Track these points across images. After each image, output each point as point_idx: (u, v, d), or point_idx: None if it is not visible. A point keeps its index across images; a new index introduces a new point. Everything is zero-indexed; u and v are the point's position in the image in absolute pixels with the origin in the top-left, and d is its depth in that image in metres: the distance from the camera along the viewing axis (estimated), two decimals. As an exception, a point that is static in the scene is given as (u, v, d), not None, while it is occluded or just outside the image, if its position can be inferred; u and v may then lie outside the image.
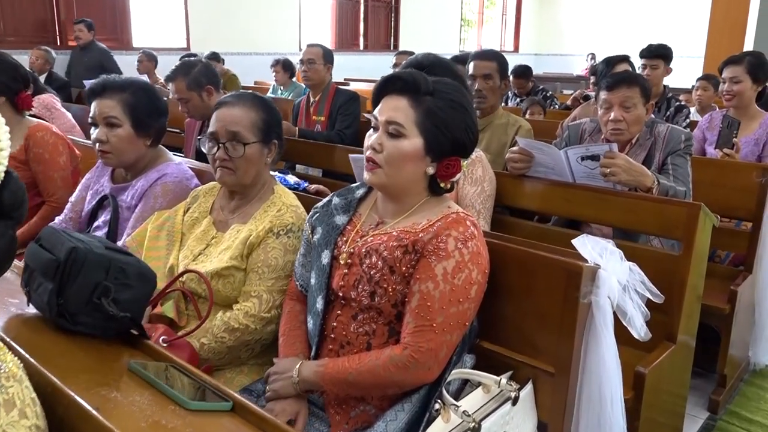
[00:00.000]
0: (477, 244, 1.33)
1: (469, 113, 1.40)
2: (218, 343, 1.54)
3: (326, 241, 1.46)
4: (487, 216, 2.16)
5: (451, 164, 1.38)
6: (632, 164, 2.06)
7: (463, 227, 1.33)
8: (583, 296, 1.33)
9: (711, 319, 2.49)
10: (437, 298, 1.28)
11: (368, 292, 1.35)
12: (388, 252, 1.35)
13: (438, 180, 1.39)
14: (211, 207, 1.79)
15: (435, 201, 1.42)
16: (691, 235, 1.91)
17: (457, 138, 1.36)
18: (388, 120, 1.35)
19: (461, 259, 1.30)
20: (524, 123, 2.84)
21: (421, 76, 1.37)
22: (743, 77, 3.10)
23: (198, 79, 2.88)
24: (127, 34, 7.74)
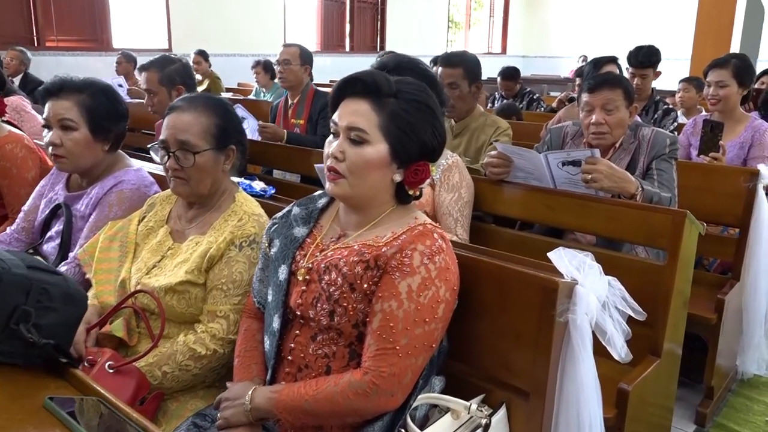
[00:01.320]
0: (445, 259, 1.23)
1: (436, 114, 1.31)
2: (182, 371, 1.43)
3: (284, 255, 1.35)
4: (465, 224, 2.06)
5: (419, 170, 1.29)
6: (615, 170, 1.97)
7: (430, 240, 1.23)
8: (560, 314, 1.23)
9: (697, 329, 2.41)
10: (401, 318, 1.18)
11: (327, 311, 1.25)
12: (348, 268, 1.25)
13: (406, 187, 1.30)
14: (168, 216, 1.68)
15: (401, 211, 1.33)
16: (676, 243, 1.82)
17: (425, 142, 1.27)
18: (349, 125, 1.25)
19: (427, 276, 1.20)
20: (502, 123, 2.75)
21: (383, 76, 1.27)
22: (729, 81, 3.01)
23: (172, 76, 2.79)
24: (107, 35, 7.60)
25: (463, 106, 2.70)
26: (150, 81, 2.77)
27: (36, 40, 7.04)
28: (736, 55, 3.17)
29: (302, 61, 3.56)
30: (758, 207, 2.48)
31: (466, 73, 2.66)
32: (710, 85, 3.06)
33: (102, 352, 1.39)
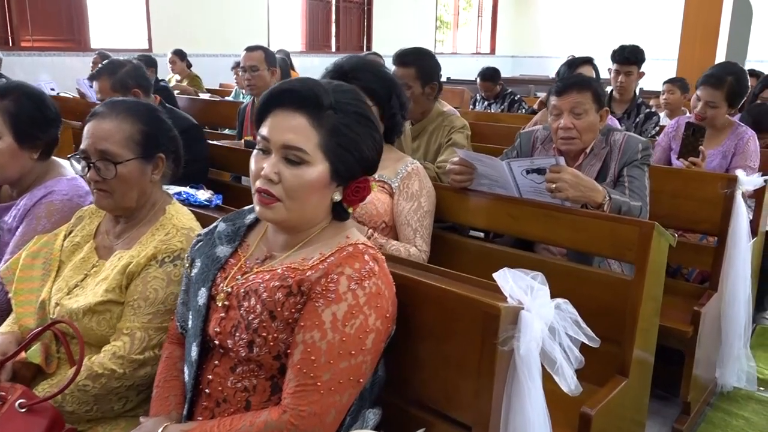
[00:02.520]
0: (377, 283, 1.12)
1: (375, 125, 1.21)
2: (81, 392, 1.31)
3: (204, 277, 1.24)
4: (425, 234, 1.95)
5: (360, 187, 1.20)
6: (580, 179, 1.86)
7: (360, 263, 1.12)
8: (503, 342, 1.12)
9: (673, 342, 2.31)
10: (324, 350, 1.07)
11: (246, 341, 1.13)
12: (268, 294, 1.13)
13: (345, 205, 1.21)
14: (95, 230, 1.55)
15: (333, 230, 1.22)
16: (643, 256, 1.72)
17: (366, 157, 1.18)
18: (285, 144, 1.13)
19: (355, 303, 1.09)
20: (458, 121, 2.62)
21: (321, 87, 1.15)
22: (720, 103, 2.88)
23: (124, 80, 2.65)
24: (85, 35, 7.44)
25: (415, 108, 2.57)
26: (102, 89, 2.64)
27: (11, 40, 6.88)
28: (734, 71, 2.98)
29: (269, 65, 3.43)
30: (736, 214, 2.38)
31: (419, 74, 2.54)
32: (699, 99, 2.94)
33: (14, 388, 1.26)
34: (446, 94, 7.80)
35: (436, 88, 2.62)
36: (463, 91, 7.26)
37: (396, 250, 1.89)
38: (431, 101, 2.64)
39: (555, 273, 1.89)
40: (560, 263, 1.92)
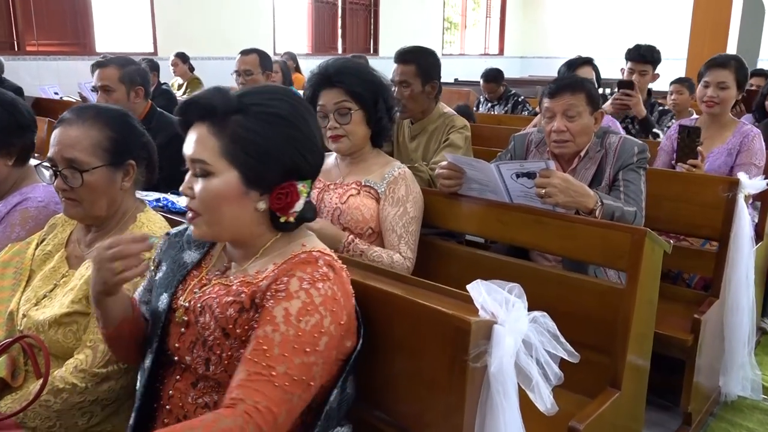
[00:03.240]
0: (332, 288, 1.06)
1: (296, 124, 1.12)
2: (43, 407, 1.27)
3: (167, 282, 1.20)
4: (410, 240, 1.90)
5: (283, 193, 1.12)
6: (571, 184, 1.79)
7: (313, 267, 1.07)
8: (474, 358, 1.06)
9: (672, 351, 2.24)
10: (277, 342, 1.00)
11: (203, 358, 1.09)
12: (221, 310, 1.09)
13: (277, 215, 1.14)
14: (67, 239, 1.52)
15: (287, 239, 1.17)
16: (635, 264, 1.65)
17: (283, 160, 1.10)
18: (191, 158, 1.10)
19: (309, 300, 1.03)
20: (458, 121, 2.57)
21: (219, 93, 1.10)
22: (731, 83, 2.80)
23: (132, 75, 2.68)
24: (90, 39, 7.44)
25: (415, 106, 2.53)
26: (109, 77, 2.64)
27: (16, 45, 6.90)
28: (733, 56, 2.97)
29: (263, 69, 3.39)
30: (738, 218, 2.31)
31: (420, 71, 2.50)
32: (708, 86, 2.85)
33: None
34: (452, 96, 7.79)
35: (437, 87, 2.58)
36: (468, 92, 7.19)
37: (378, 256, 1.84)
38: (432, 100, 2.59)
39: (547, 281, 1.86)
40: (552, 271, 1.86)
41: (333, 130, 1.88)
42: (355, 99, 1.87)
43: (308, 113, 1.16)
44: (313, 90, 1.91)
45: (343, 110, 1.86)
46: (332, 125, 1.87)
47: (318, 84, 1.89)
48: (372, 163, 1.97)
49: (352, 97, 1.87)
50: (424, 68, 2.52)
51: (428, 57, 2.58)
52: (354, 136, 1.89)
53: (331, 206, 1.93)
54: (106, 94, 2.65)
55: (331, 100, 1.87)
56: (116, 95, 2.65)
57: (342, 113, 1.87)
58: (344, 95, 1.86)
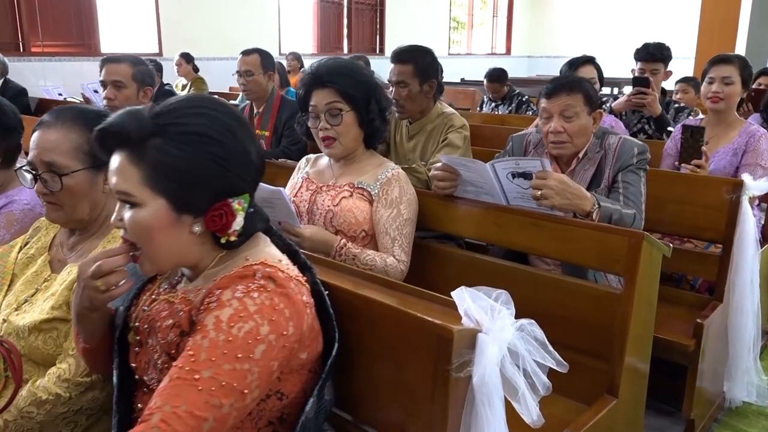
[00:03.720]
0: (272, 299, 0.99)
1: (218, 140, 1.03)
2: (25, 418, 1.24)
3: (123, 296, 1.14)
4: (404, 243, 1.86)
5: (217, 215, 1.04)
6: (567, 185, 1.75)
7: (248, 280, 1.00)
8: (457, 368, 1.03)
9: (674, 356, 2.19)
10: (205, 347, 0.94)
11: (156, 379, 1.05)
12: (162, 335, 1.05)
13: (218, 235, 1.06)
14: (51, 242, 1.49)
15: (232, 254, 1.10)
16: (632, 268, 1.61)
17: (209, 181, 1.02)
18: (115, 189, 1.03)
19: (242, 308, 0.97)
20: (457, 120, 2.54)
21: (132, 117, 1.02)
22: (736, 78, 2.76)
23: (144, 75, 2.67)
24: (95, 39, 7.46)
25: (413, 106, 2.50)
26: (122, 73, 2.61)
27: (21, 46, 6.92)
28: (736, 54, 2.93)
29: (265, 69, 3.34)
30: (742, 221, 2.26)
31: (417, 71, 2.47)
32: (713, 82, 2.80)
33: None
34: (457, 96, 7.75)
35: (434, 86, 2.55)
36: (474, 92, 7.14)
37: (371, 260, 1.80)
38: (430, 99, 2.56)
39: (544, 285, 1.81)
40: (548, 275, 1.82)
41: (324, 131, 1.85)
42: (347, 100, 1.83)
43: (236, 123, 1.06)
44: (305, 90, 1.88)
45: (335, 111, 1.83)
46: (323, 126, 1.84)
47: (310, 84, 1.86)
48: (365, 164, 1.94)
49: (344, 98, 1.83)
50: (421, 67, 2.49)
51: (425, 56, 2.55)
52: (345, 138, 1.86)
53: (324, 209, 1.89)
54: (117, 89, 2.63)
55: (323, 101, 1.83)
56: (127, 92, 2.63)
57: (333, 114, 1.83)
58: (336, 96, 1.83)
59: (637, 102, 3.27)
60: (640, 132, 3.53)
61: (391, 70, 2.52)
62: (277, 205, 1.78)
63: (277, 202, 1.77)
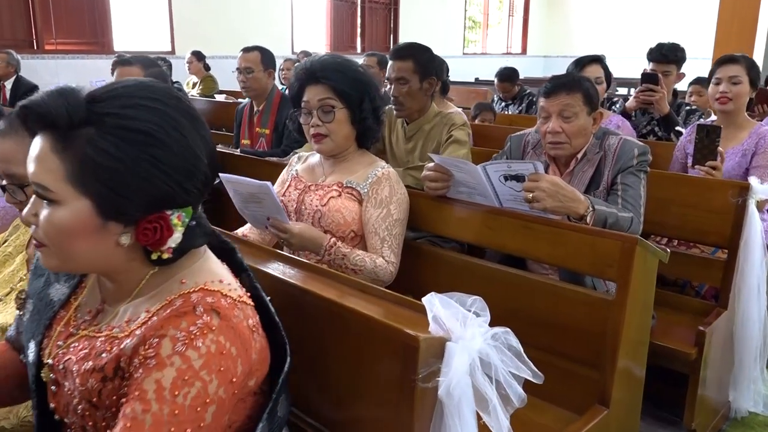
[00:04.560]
0: (217, 340, 0.84)
1: (163, 141, 0.87)
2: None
3: (33, 327, 1.01)
4: (394, 244, 1.82)
5: (151, 228, 0.88)
6: (560, 188, 1.69)
7: (189, 319, 0.85)
8: (425, 379, 0.98)
9: (676, 365, 2.13)
10: (149, 424, 0.80)
11: (78, 424, 0.93)
12: (81, 381, 0.90)
13: (150, 249, 0.91)
14: (29, 241, 1.47)
15: (166, 273, 0.94)
16: (625, 274, 1.55)
17: (146, 188, 0.86)
18: (31, 179, 0.88)
19: (186, 367, 0.82)
20: (457, 118, 2.48)
21: (62, 98, 0.85)
22: (743, 77, 2.68)
23: (156, 77, 2.61)
24: (108, 38, 7.50)
25: (413, 104, 2.45)
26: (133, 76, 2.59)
27: (35, 43, 6.98)
28: (742, 54, 2.85)
29: (265, 66, 3.31)
30: (749, 225, 2.18)
31: (417, 67, 2.42)
32: (720, 82, 2.72)
33: None
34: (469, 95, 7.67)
35: (434, 84, 2.51)
36: (486, 92, 7.07)
37: (361, 260, 1.76)
38: (428, 98, 2.52)
39: (538, 291, 1.75)
40: (542, 280, 1.76)
41: (315, 128, 1.81)
42: (340, 97, 1.80)
43: (190, 123, 0.90)
44: (299, 85, 1.85)
45: (327, 107, 1.80)
46: (315, 123, 1.81)
47: (303, 79, 1.83)
48: (355, 163, 1.90)
49: (337, 95, 1.80)
50: (421, 64, 2.45)
51: (425, 53, 2.50)
52: (336, 136, 1.82)
53: (312, 208, 1.86)
54: None
55: (315, 97, 1.80)
56: None
57: (325, 111, 1.80)
58: (329, 92, 1.79)
59: (645, 99, 3.19)
60: (649, 134, 3.45)
61: (389, 67, 2.48)
62: (264, 200, 1.75)
63: (264, 197, 1.74)
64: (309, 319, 1.15)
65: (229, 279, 0.95)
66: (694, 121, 3.30)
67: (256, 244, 1.57)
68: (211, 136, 0.95)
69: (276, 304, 1.00)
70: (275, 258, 1.38)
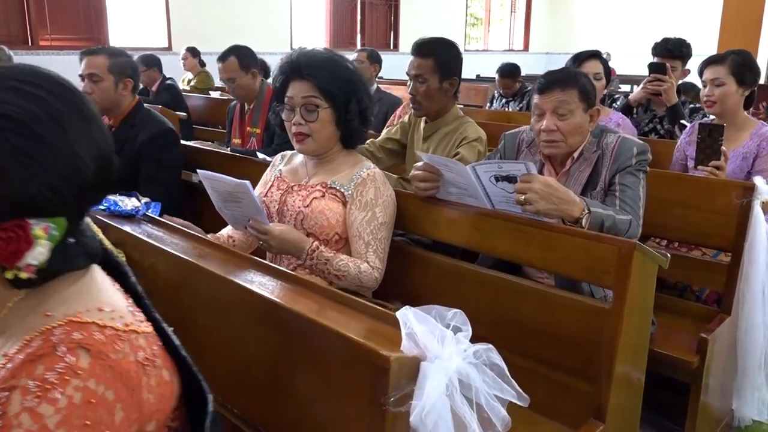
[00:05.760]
0: (86, 386, 0.69)
1: (33, 130, 0.72)
2: None
3: None
4: (379, 249, 1.73)
5: (5, 237, 0.72)
6: (553, 189, 1.60)
7: (47, 364, 0.69)
8: (397, 402, 0.89)
9: (675, 373, 2.03)
10: None
11: None
12: None
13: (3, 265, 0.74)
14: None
15: (32, 302, 0.77)
16: (622, 281, 1.46)
17: (6, 194, 0.71)
18: None
19: (36, 428, 0.66)
20: (471, 132, 2.30)
21: None
22: (726, 79, 2.57)
23: (123, 66, 2.53)
24: (104, 33, 7.40)
25: (430, 104, 2.32)
26: (98, 65, 2.49)
27: (30, 39, 6.89)
28: (738, 51, 2.73)
29: (245, 69, 3.18)
30: (754, 228, 2.08)
31: (438, 66, 2.28)
32: (705, 84, 2.64)
33: None
34: (469, 92, 7.56)
35: (456, 84, 2.35)
36: (487, 89, 6.96)
37: (344, 266, 1.68)
38: (449, 99, 2.36)
39: (530, 297, 1.66)
40: (534, 287, 1.67)
41: (297, 126, 1.73)
42: (325, 96, 1.71)
43: (72, 113, 0.75)
44: (283, 79, 1.76)
45: (311, 106, 1.71)
46: (297, 121, 1.72)
47: (288, 73, 1.75)
48: (340, 163, 1.81)
49: (323, 94, 1.71)
50: (443, 62, 2.29)
51: (449, 50, 2.34)
52: (319, 136, 1.73)
53: (294, 210, 1.77)
54: (93, 83, 2.53)
55: (300, 94, 1.71)
56: (104, 85, 2.52)
57: (309, 109, 1.71)
58: (314, 90, 1.70)
59: (653, 89, 3.10)
60: (651, 132, 3.35)
61: (410, 63, 2.34)
62: (243, 200, 1.66)
63: (243, 197, 1.64)
64: (279, 332, 1.06)
65: (115, 305, 0.79)
66: (697, 120, 3.21)
67: (230, 249, 1.47)
68: (109, 141, 0.80)
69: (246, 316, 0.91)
70: (249, 266, 1.29)
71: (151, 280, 1.47)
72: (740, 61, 2.58)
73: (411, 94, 2.33)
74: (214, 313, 1.25)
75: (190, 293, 1.34)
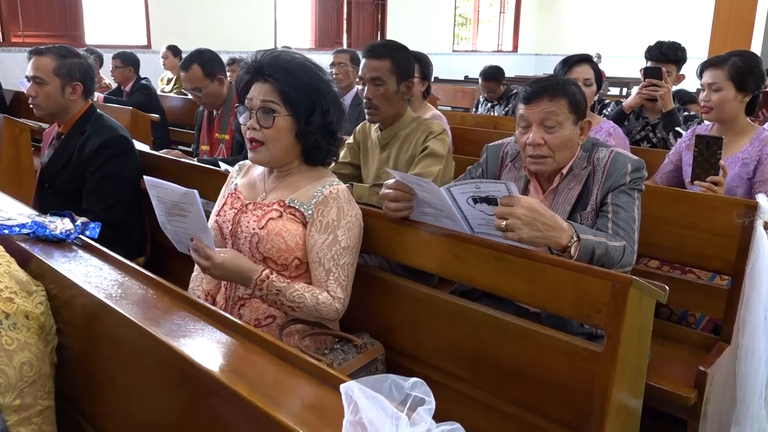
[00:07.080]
0: None
1: None
2: None
3: None
4: (341, 276, 1.53)
5: None
6: (538, 214, 1.41)
7: None
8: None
9: (671, 408, 1.86)
10: None
11: None
12: None
13: None
14: None
15: None
16: (616, 322, 1.28)
17: None
18: None
19: None
20: (436, 126, 2.19)
21: None
22: (724, 84, 2.40)
23: (72, 68, 2.34)
24: (79, 30, 7.16)
25: (388, 108, 2.17)
26: (42, 67, 2.31)
27: (1, 36, 6.64)
28: (741, 52, 2.56)
29: (210, 77, 2.98)
30: (756, 249, 1.91)
31: (395, 68, 2.15)
32: (703, 89, 2.48)
33: None
34: (456, 94, 7.38)
35: (412, 87, 2.24)
36: (474, 90, 6.79)
37: (299, 297, 1.49)
38: (405, 103, 2.24)
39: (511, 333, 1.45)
40: (515, 323, 1.47)
41: (252, 131, 1.54)
42: (286, 101, 1.52)
43: None
44: (246, 80, 1.57)
45: (267, 110, 1.52)
46: (252, 125, 1.53)
47: (252, 74, 1.56)
48: (301, 179, 1.62)
49: (283, 99, 1.52)
50: (399, 64, 2.17)
51: (403, 53, 2.23)
52: (274, 146, 1.54)
53: (249, 231, 1.57)
54: (37, 86, 2.34)
55: (259, 96, 1.53)
56: (48, 89, 2.33)
57: (265, 112, 1.52)
58: (273, 94, 1.52)
59: (649, 94, 2.95)
60: (643, 140, 3.19)
61: (363, 66, 2.18)
62: (189, 213, 1.41)
63: (189, 209, 1.40)
64: (189, 395, 0.87)
65: None
66: (691, 128, 3.04)
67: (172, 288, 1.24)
68: None
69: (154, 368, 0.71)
70: (182, 309, 1.09)
71: (65, 316, 1.28)
72: (741, 65, 2.40)
73: (367, 98, 2.17)
74: (122, 360, 1.06)
75: (99, 334, 1.15)
